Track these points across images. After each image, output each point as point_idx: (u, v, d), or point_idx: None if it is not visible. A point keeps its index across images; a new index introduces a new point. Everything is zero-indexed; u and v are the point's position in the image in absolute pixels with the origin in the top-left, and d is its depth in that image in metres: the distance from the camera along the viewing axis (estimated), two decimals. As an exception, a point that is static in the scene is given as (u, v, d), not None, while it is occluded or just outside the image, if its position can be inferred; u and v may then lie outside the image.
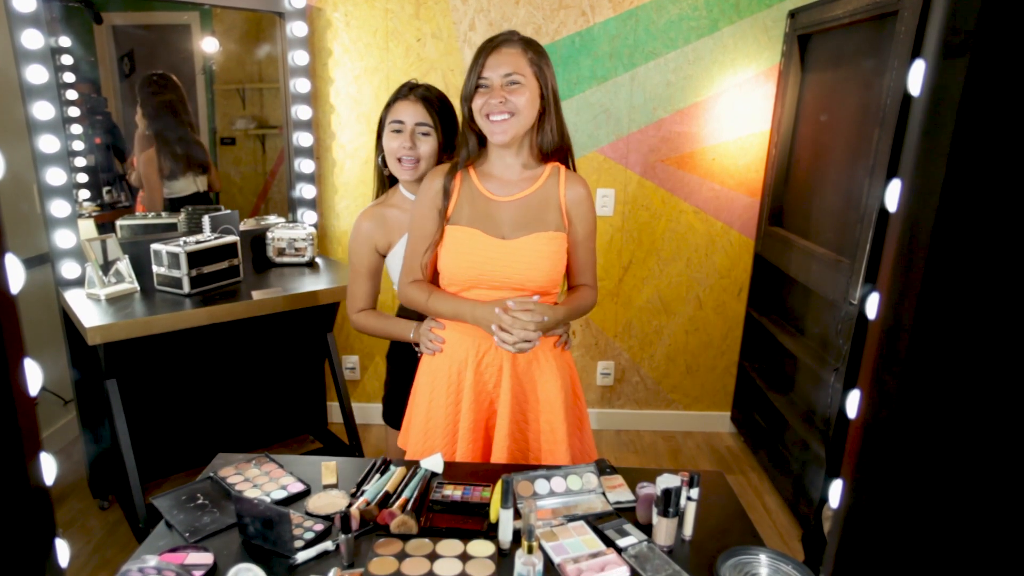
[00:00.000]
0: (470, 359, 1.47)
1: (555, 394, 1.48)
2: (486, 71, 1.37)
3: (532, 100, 1.38)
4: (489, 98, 1.36)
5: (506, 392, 1.46)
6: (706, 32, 2.74)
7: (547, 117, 1.44)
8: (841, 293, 2.12)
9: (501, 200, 1.45)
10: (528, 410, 1.50)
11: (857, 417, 0.47)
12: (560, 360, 1.52)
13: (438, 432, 1.50)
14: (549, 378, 1.48)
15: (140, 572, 1.01)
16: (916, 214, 0.42)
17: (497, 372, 1.47)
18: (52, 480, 0.46)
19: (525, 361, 1.48)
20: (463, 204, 1.46)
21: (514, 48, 1.38)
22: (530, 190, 1.46)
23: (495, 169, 1.48)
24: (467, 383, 1.47)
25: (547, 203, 1.46)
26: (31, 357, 0.43)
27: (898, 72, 1.81)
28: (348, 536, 1.09)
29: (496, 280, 1.43)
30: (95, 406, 2.41)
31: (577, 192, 1.47)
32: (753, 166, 2.88)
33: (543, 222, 1.45)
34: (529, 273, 1.42)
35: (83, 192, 2.46)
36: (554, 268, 1.45)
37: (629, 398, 3.20)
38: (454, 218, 1.46)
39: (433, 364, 1.53)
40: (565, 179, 1.48)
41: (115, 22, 2.55)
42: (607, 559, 1.09)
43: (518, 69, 1.37)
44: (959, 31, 0.38)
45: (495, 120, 1.37)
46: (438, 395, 1.51)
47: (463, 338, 1.48)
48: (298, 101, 2.75)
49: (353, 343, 3.14)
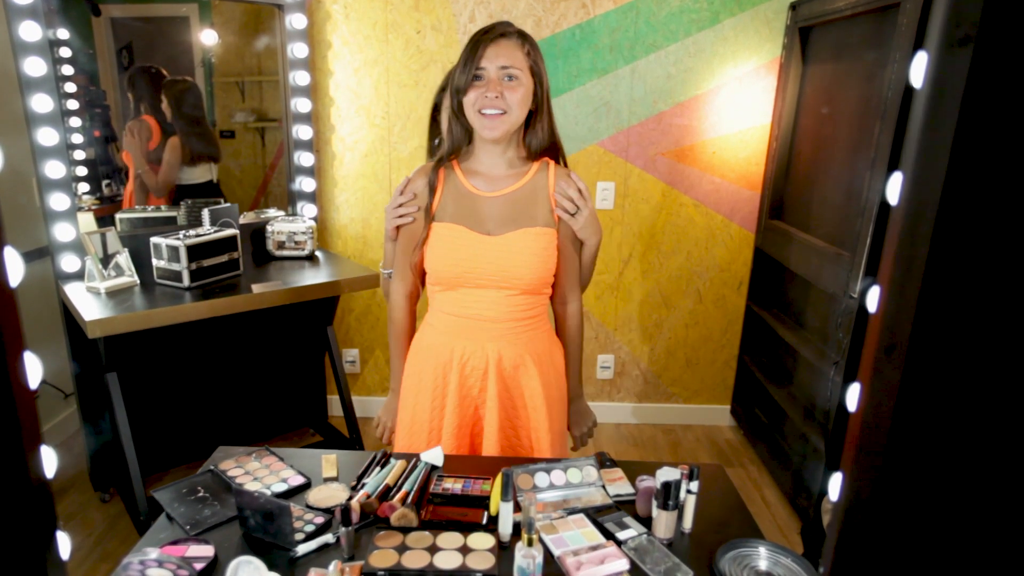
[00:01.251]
0: (455, 361, 1.43)
1: (540, 401, 1.44)
2: (483, 62, 1.31)
3: (526, 97, 1.34)
4: (485, 91, 1.32)
5: (492, 399, 1.42)
6: (707, 24, 2.73)
7: (539, 116, 1.40)
8: (841, 286, 2.12)
9: (487, 195, 1.41)
10: (516, 416, 1.47)
11: (857, 410, 0.47)
12: (549, 368, 1.48)
13: (422, 434, 1.47)
14: (536, 383, 1.44)
15: (141, 564, 1.01)
16: (917, 207, 0.42)
17: (482, 377, 1.43)
18: (53, 473, 0.46)
19: (512, 366, 1.43)
20: (447, 200, 1.42)
21: (512, 41, 1.33)
22: (517, 185, 1.42)
23: (481, 165, 1.43)
24: (451, 386, 1.43)
25: (535, 198, 1.41)
26: (31, 350, 0.43)
27: (900, 64, 1.81)
28: (348, 529, 1.09)
29: (482, 277, 1.39)
30: (96, 399, 2.41)
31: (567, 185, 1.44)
32: (754, 159, 2.88)
33: (531, 217, 1.40)
34: (516, 270, 1.38)
35: (82, 185, 2.45)
36: (543, 264, 1.40)
37: (629, 391, 3.21)
38: (438, 214, 1.42)
39: (418, 366, 1.49)
40: (555, 173, 1.43)
41: (113, 14, 2.54)
42: (607, 552, 1.09)
43: (515, 63, 1.33)
44: (962, 23, 0.38)
45: (488, 115, 1.33)
46: (423, 398, 1.47)
47: (448, 340, 1.44)
48: (297, 94, 2.74)
49: (353, 336, 3.14)
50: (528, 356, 1.44)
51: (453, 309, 1.44)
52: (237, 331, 2.62)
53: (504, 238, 1.39)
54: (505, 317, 1.41)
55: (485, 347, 1.42)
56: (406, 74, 2.80)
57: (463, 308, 1.42)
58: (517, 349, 1.43)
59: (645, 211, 2.95)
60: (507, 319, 1.42)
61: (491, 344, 1.42)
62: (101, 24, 2.50)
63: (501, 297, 1.40)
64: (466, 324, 1.43)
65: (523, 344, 1.44)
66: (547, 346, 1.50)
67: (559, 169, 1.45)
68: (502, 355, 1.42)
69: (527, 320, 1.44)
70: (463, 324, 1.43)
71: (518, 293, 1.41)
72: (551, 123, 1.43)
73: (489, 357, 1.42)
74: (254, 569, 1.01)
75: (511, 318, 1.42)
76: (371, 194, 2.95)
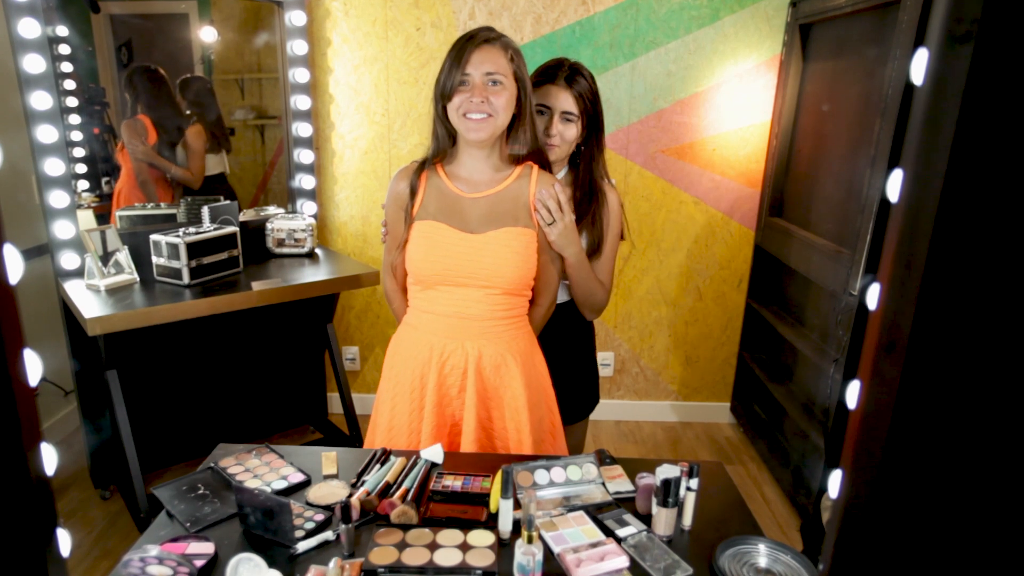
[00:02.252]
0: (434, 360, 1.43)
1: (522, 402, 1.43)
2: (469, 67, 1.33)
3: (510, 102, 1.36)
4: (470, 96, 1.33)
5: (471, 397, 1.42)
6: (707, 21, 2.73)
7: (522, 121, 1.41)
8: (841, 284, 2.12)
9: (469, 196, 1.42)
10: (496, 417, 1.46)
11: (857, 408, 0.47)
12: (531, 369, 1.47)
13: (401, 434, 1.47)
14: (518, 384, 1.43)
15: (142, 562, 1.01)
16: (918, 204, 0.42)
17: (461, 376, 1.43)
18: (53, 470, 0.46)
19: (492, 365, 1.43)
20: (430, 200, 1.43)
21: (495, 47, 1.35)
22: (500, 187, 1.43)
23: (464, 169, 1.44)
24: (430, 385, 1.43)
25: (517, 201, 1.42)
26: (31, 348, 0.43)
27: (900, 61, 1.80)
28: (348, 526, 1.09)
29: (462, 276, 1.39)
30: (96, 397, 2.41)
31: (548, 189, 1.43)
32: (754, 156, 2.87)
33: (513, 218, 1.41)
34: (496, 268, 1.38)
35: (82, 183, 2.45)
36: (524, 264, 1.40)
37: (629, 389, 3.21)
38: (420, 213, 1.43)
39: (396, 367, 1.49)
40: (538, 178, 1.44)
41: (112, 11, 2.54)
42: (607, 549, 1.10)
43: (500, 69, 1.34)
44: (963, 19, 0.38)
45: (473, 118, 1.34)
46: (401, 399, 1.47)
47: (428, 338, 1.44)
48: (297, 91, 2.74)
49: (353, 334, 3.14)
50: (510, 355, 1.43)
51: (433, 308, 1.44)
52: (237, 328, 2.62)
53: (485, 236, 1.39)
54: (486, 315, 1.41)
55: (465, 345, 1.42)
56: (406, 71, 2.80)
57: (443, 306, 1.42)
58: (499, 348, 1.42)
59: (645, 208, 2.95)
60: (488, 317, 1.41)
61: (471, 342, 1.42)
62: (100, 21, 2.50)
63: (482, 296, 1.40)
64: (446, 322, 1.42)
65: (504, 343, 1.43)
66: (529, 347, 1.49)
67: (542, 174, 1.45)
68: (482, 353, 1.42)
69: (508, 320, 1.44)
70: (443, 322, 1.43)
71: (499, 293, 1.41)
72: (534, 128, 1.44)
73: (469, 355, 1.42)
74: (254, 566, 1.01)
75: (492, 316, 1.42)
76: (371, 191, 2.95)
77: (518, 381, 1.43)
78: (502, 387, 1.44)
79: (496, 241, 1.39)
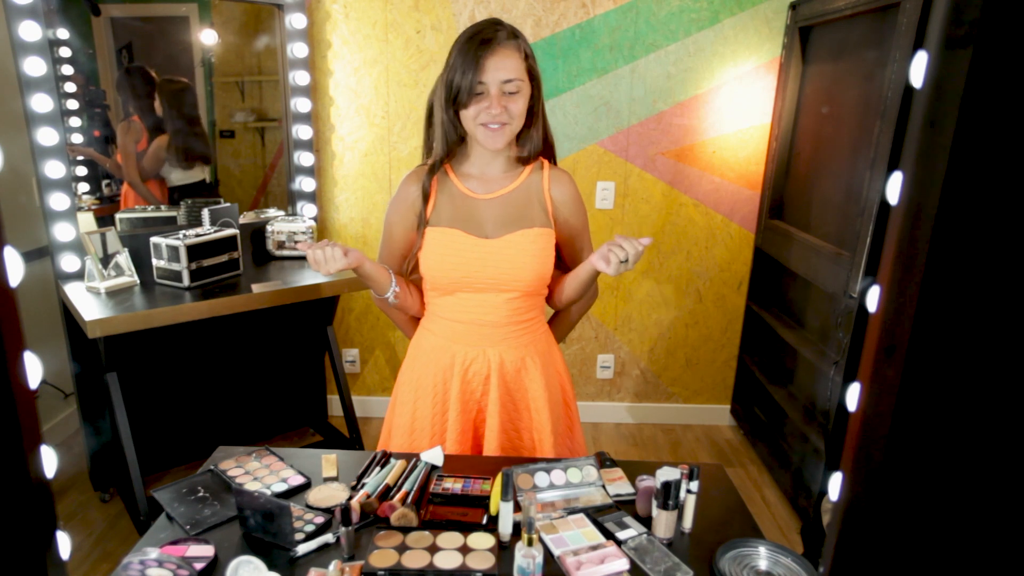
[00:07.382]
0: (456, 367, 1.42)
1: (543, 403, 1.43)
2: (485, 75, 1.27)
3: (526, 104, 1.33)
4: (489, 108, 1.28)
5: (494, 402, 1.41)
6: (707, 24, 2.73)
7: (535, 118, 1.38)
8: (841, 286, 2.12)
9: (482, 198, 1.40)
10: (518, 419, 1.46)
11: (857, 410, 0.47)
12: (550, 368, 1.47)
13: (424, 437, 1.46)
14: (538, 386, 1.43)
15: (141, 564, 1.01)
16: (917, 207, 0.42)
17: (484, 381, 1.42)
18: (53, 473, 0.46)
19: (514, 369, 1.42)
20: (442, 205, 1.40)
21: (509, 48, 1.28)
22: (513, 186, 1.40)
23: (475, 168, 1.42)
24: (453, 391, 1.42)
25: (531, 199, 1.40)
26: (31, 350, 0.43)
27: (900, 64, 1.81)
28: (348, 529, 1.09)
29: (480, 281, 1.37)
30: (96, 399, 2.41)
31: (563, 185, 1.42)
32: (753, 159, 2.88)
33: (528, 219, 1.39)
34: (515, 272, 1.36)
35: (82, 185, 2.45)
36: (542, 266, 1.38)
37: (629, 391, 3.21)
38: (434, 220, 1.40)
39: (416, 372, 1.47)
40: (549, 173, 1.42)
41: (113, 14, 2.54)
42: (607, 551, 1.09)
43: (516, 74, 1.28)
44: (962, 22, 0.38)
45: (492, 128, 1.30)
46: (423, 402, 1.46)
47: (448, 345, 1.43)
48: (297, 93, 2.74)
49: (353, 336, 3.14)
50: (529, 358, 1.44)
51: (451, 314, 1.43)
52: (237, 331, 2.62)
53: (503, 240, 1.37)
54: (505, 320, 1.41)
55: (487, 352, 1.42)
56: (406, 73, 2.80)
57: (462, 313, 1.41)
58: (519, 352, 1.43)
59: (645, 211, 2.95)
60: (507, 322, 1.41)
61: (492, 349, 1.42)
62: (101, 24, 2.50)
63: (501, 300, 1.39)
64: (466, 329, 1.42)
65: (524, 346, 1.43)
66: (547, 346, 1.49)
67: (555, 171, 1.44)
68: (504, 359, 1.42)
69: (526, 322, 1.44)
70: (463, 329, 1.42)
71: (518, 295, 1.40)
72: (545, 123, 1.42)
73: (491, 361, 1.41)
74: (254, 569, 1.01)
75: (511, 321, 1.41)
76: (371, 194, 2.95)
77: (538, 383, 1.43)
78: (523, 390, 1.44)
79: (513, 245, 1.37)
